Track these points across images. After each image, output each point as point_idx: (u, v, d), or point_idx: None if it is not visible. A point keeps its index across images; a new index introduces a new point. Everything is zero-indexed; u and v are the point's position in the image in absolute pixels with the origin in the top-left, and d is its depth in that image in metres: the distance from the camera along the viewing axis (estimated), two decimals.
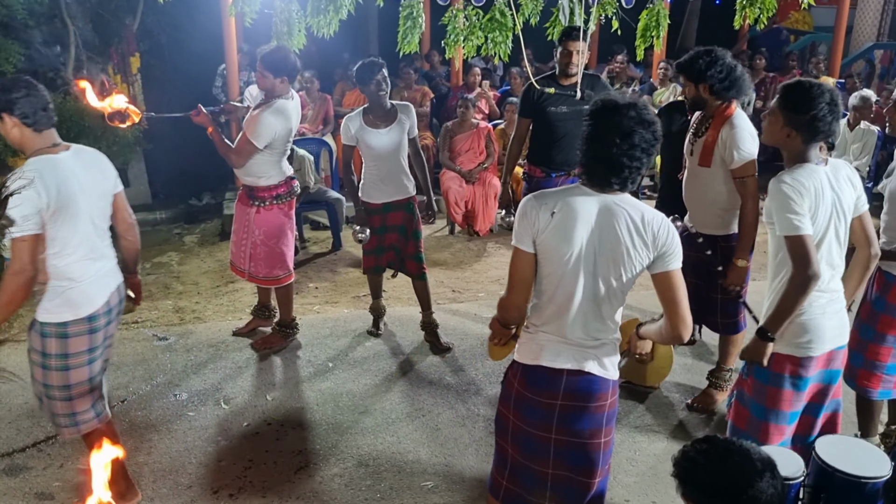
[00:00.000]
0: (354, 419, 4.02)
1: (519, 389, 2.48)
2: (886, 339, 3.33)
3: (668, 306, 2.37)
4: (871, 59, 10.66)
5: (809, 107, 2.63)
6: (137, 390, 4.28)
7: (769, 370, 2.79)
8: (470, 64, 8.39)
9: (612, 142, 2.25)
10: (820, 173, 2.69)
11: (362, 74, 4.42)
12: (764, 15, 4.90)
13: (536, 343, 2.45)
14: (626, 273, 2.33)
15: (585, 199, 2.33)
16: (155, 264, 6.48)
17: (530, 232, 2.35)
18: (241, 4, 5.10)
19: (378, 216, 4.64)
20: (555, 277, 2.37)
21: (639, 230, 2.29)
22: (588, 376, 2.41)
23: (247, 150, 4.28)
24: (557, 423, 2.43)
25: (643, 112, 2.27)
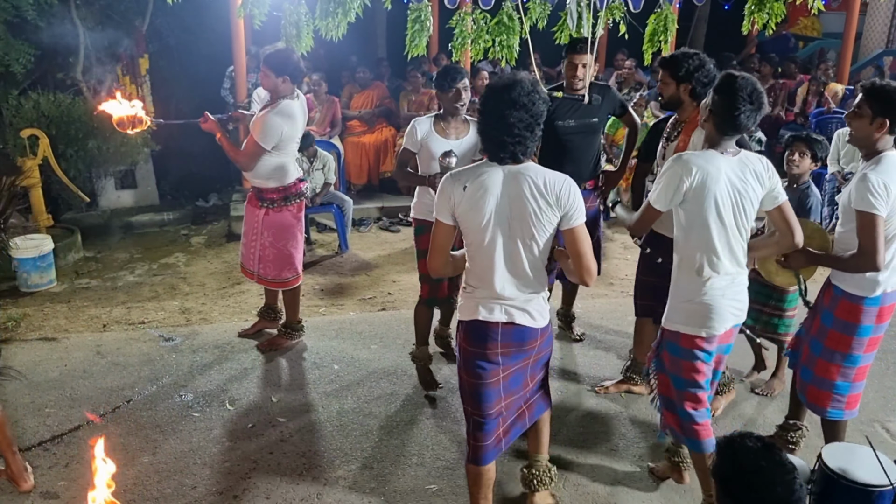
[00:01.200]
0: (359, 421, 4.02)
1: (465, 347, 2.85)
2: (835, 355, 3.24)
3: (575, 258, 2.71)
4: (881, 66, 10.61)
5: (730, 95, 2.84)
6: (143, 391, 4.29)
7: (680, 346, 3.04)
8: (477, 67, 8.38)
9: (491, 122, 2.63)
10: (719, 160, 2.88)
11: (441, 80, 4.03)
12: (772, 20, 4.89)
13: (473, 300, 2.79)
14: (538, 233, 2.66)
15: (492, 171, 2.66)
16: (162, 265, 6.50)
17: (448, 206, 2.69)
18: (250, 6, 5.13)
19: None
20: (476, 243, 2.71)
21: (542, 193, 2.61)
22: (519, 327, 2.77)
23: (255, 152, 4.29)
24: (502, 365, 2.82)
25: (518, 94, 2.57)
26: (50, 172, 6.54)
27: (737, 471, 1.96)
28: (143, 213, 7.90)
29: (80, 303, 5.61)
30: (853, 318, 3.16)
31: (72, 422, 3.96)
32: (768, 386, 4.34)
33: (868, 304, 3.13)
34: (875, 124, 2.99)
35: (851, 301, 3.16)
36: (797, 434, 3.66)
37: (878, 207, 2.90)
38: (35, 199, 6.35)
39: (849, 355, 3.22)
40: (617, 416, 4.09)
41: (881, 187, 2.91)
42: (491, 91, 2.65)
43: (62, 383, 4.36)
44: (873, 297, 3.12)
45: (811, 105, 8.65)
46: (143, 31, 8.04)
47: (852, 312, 3.16)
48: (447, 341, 4.70)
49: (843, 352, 3.22)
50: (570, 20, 4.65)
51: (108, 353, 4.74)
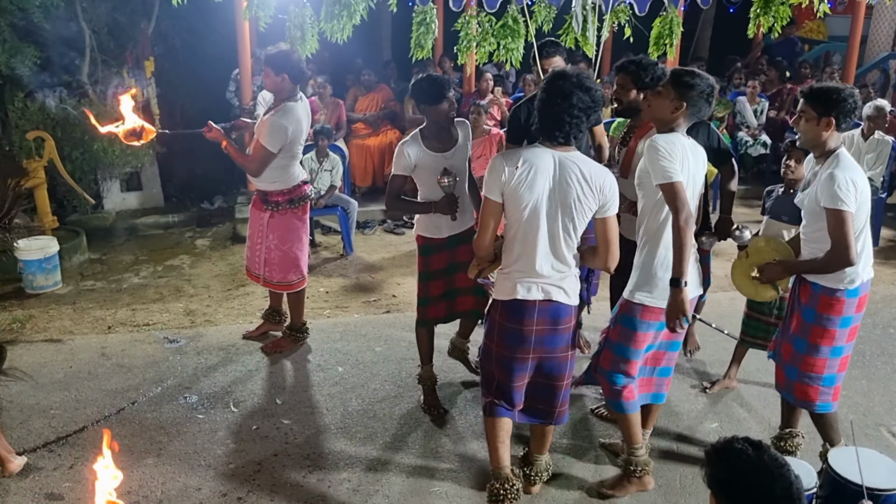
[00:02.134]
0: (363, 423, 4.02)
1: (500, 322, 3.03)
2: (821, 349, 3.28)
3: (604, 244, 2.95)
4: (886, 69, 10.59)
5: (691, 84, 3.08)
6: (148, 392, 4.29)
7: (636, 317, 3.19)
8: (482, 70, 8.39)
9: (554, 102, 2.80)
10: (684, 141, 3.09)
11: (428, 94, 3.73)
12: (778, 23, 4.87)
13: (510, 281, 2.98)
14: (578, 217, 2.88)
15: (543, 154, 2.85)
16: (166, 267, 6.51)
17: (499, 183, 2.85)
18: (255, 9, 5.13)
19: (445, 253, 3.91)
20: (519, 221, 2.88)
21: (588, 181, 2.83)
22: (556, 304, 2.98)
23: (263, 156, 4.29)
24: (534, 345, 3.01)
25: (584, 79, 2.81)
26: (55, 174, 6.56)
27: (735, 475, 1.96)
28: (148, 215, 7.92)
29: (86, 304, 5.62)
30: (835, 312, 3.22)
31: (77, 423, 3.97)
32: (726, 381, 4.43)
33: (849, 296, 3.21)
34: (822, 124, 3.09)
35: (832, 295, 3.21)
36: (794, 442, 3.65)
37: (848, 203, 2.99)
38: (40, 200, 6.37)
39: (833, 347, 3.27)
40: None
41: (849, 184, 2.99)
42: (559, 74, 2.87)
43: (67, 385, 4.36)
44: (853, 288, 3.20)
45: None
46: (148, 34, 8.06)
47: (833, 306, 3.22)
48: (465, 354, 4.41)
49: (828, 345, 3.27)
50: (576, 23, 4.65)
51: (113, 354, 4.74)
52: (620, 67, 3.65)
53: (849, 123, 3.13)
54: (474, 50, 5.20)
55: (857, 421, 4.07)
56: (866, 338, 5.07)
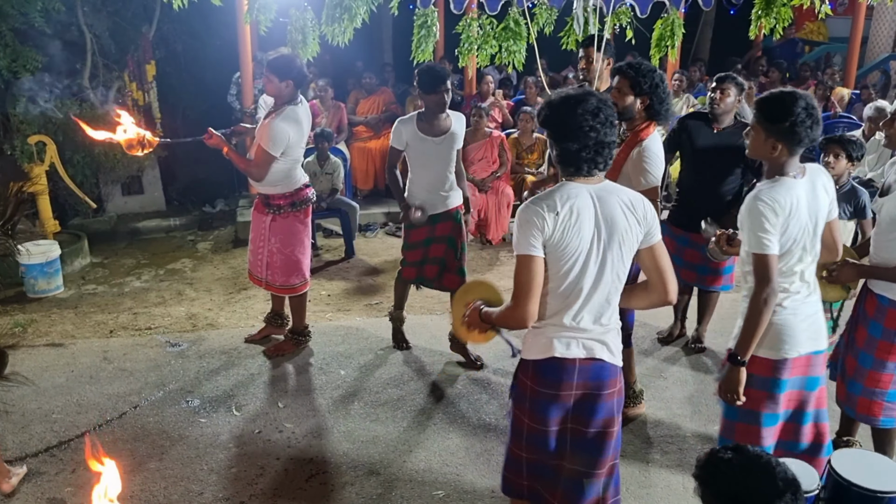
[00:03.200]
0: (366, 427, 4.01)
1: (533, 388, 2.52)
2: (887, 365, 3.18)
3: (657, 274, 2.52)
4: (887, 70, 10.58)
5: (787, 114, 2.61)
6: (150, 396, 4.29)
7: (753, 374, 2.77)
8: (483, 73, 8.39)
9: (588, 125, 2.37)
10: (798, 188, 2.68)
11: (426, 82, 4.25)
12: (780, 25, 4.87)
13: (545, 337, 2.50)
14: (626, 252, 2.46)
15: (579, 190, 2.42)
16: (168, 271, 6.51)
17: (540, 237, 2.38)
18: (256, 13, 5.13)
19: (425, 227, 4.50)
20: (565, 272, 2.43)
21: (632, 210, 2.45)
22: (600, 363, 2.50)
23: (265, 160, 4.28)
24: (573, 413, 2.51)
25: (603, 102, 2.43)
26: (57, 178, 6.57)
27: (735, 485, 1.95)
28: (149, 218, 7.93)
29: (87, 308, 5.62)
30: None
31: (79, 427, 3.96)
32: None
33: None
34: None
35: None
36: None
37: None
38: (42, 205, 6.38)
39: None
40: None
41: None
42: (577, 98, 2.42)
43: (69, 389, 4.36)
44: None
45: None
46: (150, 38, 8.07)
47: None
48: (464, 347, 4.63)
49: (895, 361, 3.17)
50: (577, 25, 4.64)
51: (115, 358, 4.74)
52: (619, 70, 3.64)
53: None
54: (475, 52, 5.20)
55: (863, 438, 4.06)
56: None
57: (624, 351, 3.96)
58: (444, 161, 4.41)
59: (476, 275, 6.41)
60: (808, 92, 2.73)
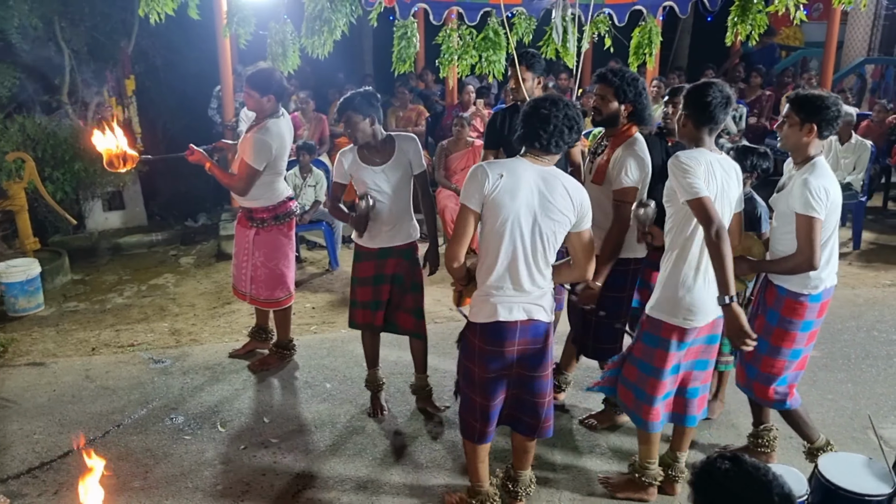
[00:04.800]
0: (353, 440, 3.99)
1: (480, 345, 2.98)
2: (781, 351, 3.35)
3: (583, 253, 2.94)
4: (863, 74, 10.74)
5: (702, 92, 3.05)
6: (133, 414, 4.24)
7: (658, 335, 3.15)
8: (464, 82, 8.42)
9: (539, 113, 2.82)
10: (711, 156, 3.02)
11: (352, 106, 3.80)
12: (755, 31, 4.93)
13: (490, 303, 2.92)
14: (557, 230, 2.86)
15: (527, 165, 2.85)
16: (151, 286, 6.45)
17: (480, 192, 2.81)
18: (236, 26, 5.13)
19: (371, 262, 4.00)
20: (499, 233, 2.83)
21: (568, 195, 2.84)
22: (537, 323, 2.96)
23: (249, 174, 4.26)
24: (517, 363, 3.01)
25: (567, 101, 2.87)
26: (37, 195, 6.50)
27: (731, 496, 1.95)
28: (131, 234, 7.86)
29: (69, 326, 5.56)
30: (797, 315, 3.30)
31: (61, 448, 3.91)
32: (710, 409, 4.19)
33: (811, 301, 3.28)
34: (804, 130, 3.13)
35: (796, 299, 3.28)
36: (770, 436, 3.70)
37: (819, 211, 3.04)
38: (22, 222, 6.31)
39: (793, 350, 3.35)
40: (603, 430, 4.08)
41: (821, 191, 3.05)
42: (546, 97, 2.90)
43: (51, 409, 4.31)
44: (816, 293, 3.27)
45: None
46: (128, 52, 8.04)
47: (796, 310, 3.29)
48: (428, 394, 4.30)
49: (789, 347, 3.35)
50: (556, 34, 4.67)
51: (98, 376, 4.69)
52: (601, 77, 3.64)
53: (831, 131, 3.18)
54: (456, 63, 5.22)
55: (844, 424, 4.09)
56: (850, 340, 5.10)
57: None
58: (391, 191, 3.88)
59: None
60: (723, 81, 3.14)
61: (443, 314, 5.72)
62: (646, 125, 3.66)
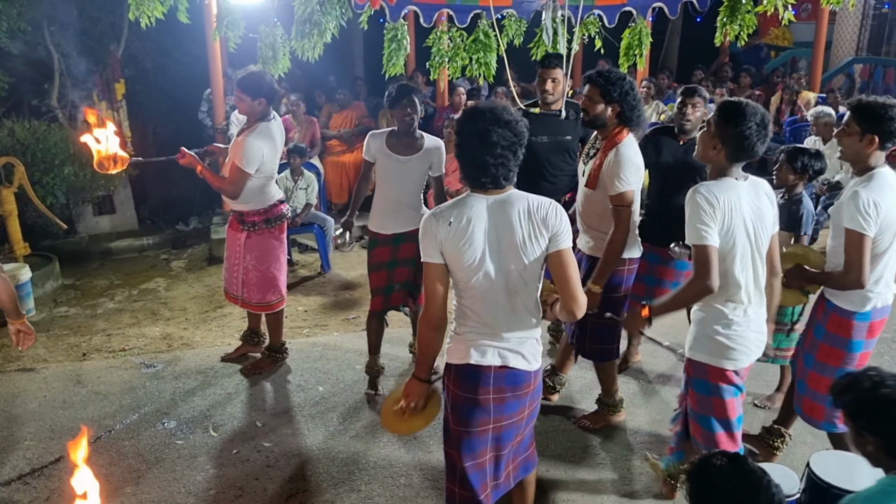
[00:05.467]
0: (346, 444, 3.98)
1: (454, 391, 2.65)
2: (826, 369, 3.21)
3: (561, 283, 2.54)
4: (851, 74, 10.80)
5: (739, 122, 2.71)
6: (125, 419, 4.22)
7: (707, 381, 2.92)
8: (455, 84, 8.42)
9: (471, 143, 2.49)
10: (739, 188, 2.78)
11: (390, 97, 4.20)
12: (744, 32, 4.95)
13: (464, 343, 2.63)
14: (528, 260, 2.50)
15: (475, 201, 2.53)
16: (142, 291, 6.43)
17: (435, 245, 2.53)
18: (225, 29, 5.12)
19: (387, 248, 4.32)
20: (465, 280, 2.55)
21: (530, 217, 2.49)
22: (512, 371, 2.61)
23: (240, 177, 4.25)
24: (494, 415, 2.63)
25: (500, 113, 2.47)
26: (26, 200, 6.46)
27: (717, 492, 1.96)
28: (122, 238, 7.83)
29: (60, 331, 5.53)
30: (844, 333, 3.15)
31: (52, 454, 3.89)
32: (769, 399, 4.27)
33: (859, 319, 3.13)
34: (865, 141, 2.98)
35: (842, 315, 3.15)
36: (780, 441, 3.68)
37: (866, 227, 2.90)
38: (12, 227, 6.27)
39: (840, 369, 3.15)
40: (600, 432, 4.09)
41: (871, 206, 2.90)
42: (470, 111, 2.56)
43: (41, 415, 4.28)
44: (863, 311, 3.12)
45: (784, 113, 8.77)
46: (118, 56, 8.01)
47: (843, 327, 3.15)
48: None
49: (835, 365, 3.18)
50: (546, 36, 4.68)
51: (89, 382, 4.67)
52: (588, 79, 3.66)
53: (893, 142, 3.01)
54: (446, 65, 5.22)
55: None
56: None
57: (607, 363, 3.99)
58: (408, 181, 4.26)
59: None
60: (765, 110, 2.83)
61: None
62: (637, 126, 3.66)
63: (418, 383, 2.70)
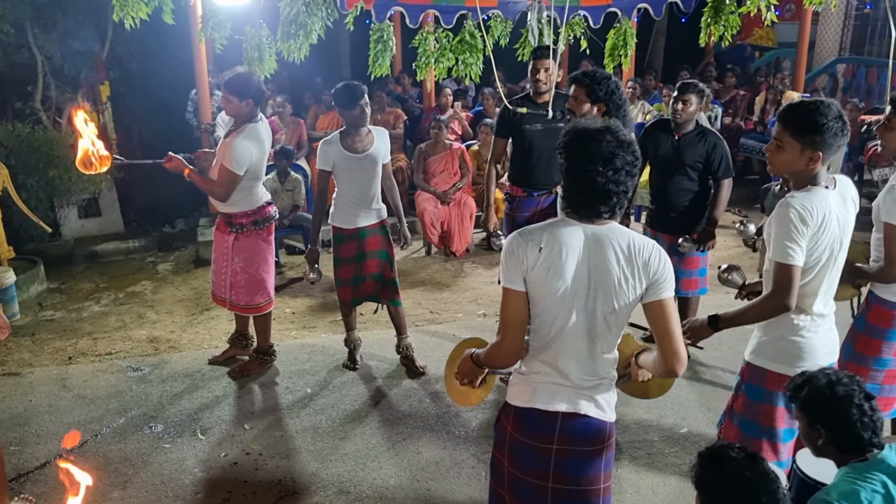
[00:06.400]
0: (334, 446, 3.97)
1: (512, 434, 2.36)
2: (864, 359, 3.19)
3: (661, 337, 2.25)
4: (835, 73, 10.88)
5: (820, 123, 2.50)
6: (111, 423, 4.20)
7: (763, 388, 2.74)
8: (441, 85, 8.43)
9: (595, 170, 2.15)
10: (829, 199, 2.58)
11: (344, 98, 4.30)
12: (728, 32, 4.99)
13: (529, 384, 2.34)
14: (619, 305, 2.22)
15: (572, 230, 2.21)
16: (128, 294, 6.39)
17: (520, 270, 2.21)
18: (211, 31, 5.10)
19: (354, 242, 4.52)
20: (547, 315, 2.25)
21: (630, 259, 2.20)
22: (585, 419, 2.29)
23: (229, 179, 4.23)
24: (554, 469, 2.30)
25: (619, 134, 2.19)
26: (10, 203, 6.41)
27: (722, 482, 1.97)
28: (108, 241, 7.77)
29: (45, 335, 5.49)
30: (884, 324, 3.15)
31: (38, 459, 3.86)
32: None
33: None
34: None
35: (884, 307, 3.15)
36: None
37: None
38: None
39: (877, 358, 3.16)
40: None
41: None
42: (587, 132, 2.21)
43: (27, 419, 4.25)
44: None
45: (769, 113, 8.83)
46: (102, 58, 7.95)
47: (884, 317, 3.15)
48: (410, 356, 4.77)
49: (872, 355, 3.18)
50: (532, 37, 4.70)
51: (75, 386, 4.64)
52: (574, 79, 3.69)
53: None
54: (433, 66, 5.23)
55: None
56: None
57: None
58: (369, 176, 4.44)
59: (440, 286, 6.42)
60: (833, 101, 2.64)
61: (424, 317, 5.72)
62: (623, 125, 3.67)
63: (473, 367, 2.46)
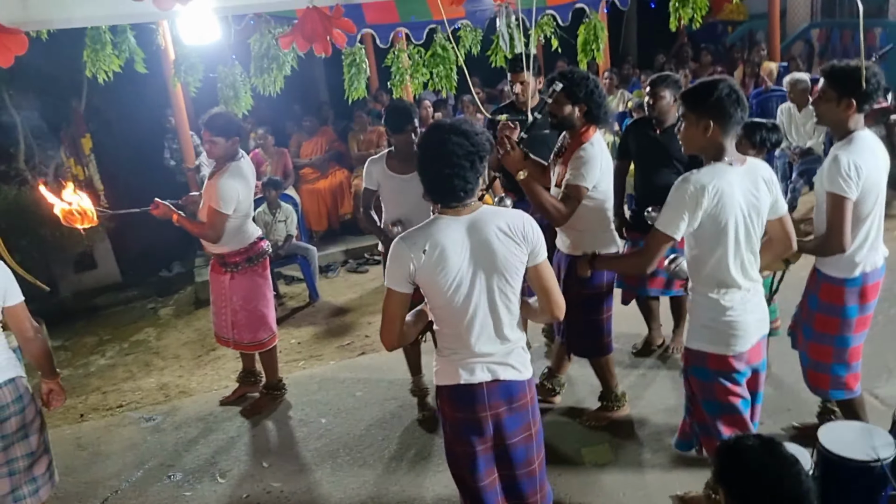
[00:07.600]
0: (355, 473, 3.95)
1: (451, 413, 2.61)
2: (824, 338, 3.22)
3: (542, 293, 2.58)
4: (809, 40, 10.89)
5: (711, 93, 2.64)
6: (130, 477, 4.17)
7: (707, 368, 2.83)
8: (421, 97, 8.43)
9: (428, 155, 2.46)
10: (731, 174, 2.66)
11: (392, 122, 4.11)
12: (697, 14, 4.98)
13: (452, 364, 2.57)
14: (511, 278, 2.49)
15: (450, 226, 2.45)
16: (133, 343, 6.37)
17: (405, 273, 2.43)
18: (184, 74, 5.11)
19: None
20: (445, 305, 2.49)
21: (508, 234, 2.45)
22: (504, 383, 2.56)
23: (218, 220, 4.22)
24: (494, 432, 2.58)
25: (459, 124, 2.46)
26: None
27: (744, 473, 1.96)
28: (106, 292, 7.77)
29: None
30: (836, 300, 3.16)
31: None
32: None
33: (849, 286, 3.13)
34: (842, 105, 2.98)
35: (832, 283, 3.15)
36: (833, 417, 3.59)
37: (848, 190, 2.90)
38: None
39: (838, 336, 3.18)
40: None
41: (852, 169, 2.89)
42: (430, 126, 2.59)
43: None
44: (853, 277, 3.12)
45: (749, 86, 8.83)
46: (81, 111, 7.96)
47: (834, 294, 3.15)
48: (425, 393, 4.47)
49: (832, 334, 3.19)
50: (503, 42, 4.70)
51: (89, 443, 4.61)
52: (551, 82, 3.67)
53: (871, 104, 2.99)
54: (408, 82, 5.23)
55: None
56: None
57: (603, 357, 3.99)
58: (414, 197, 4.06)
59: None
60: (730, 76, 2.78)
61: None
62: (603, 123, 3.67)
63: None
